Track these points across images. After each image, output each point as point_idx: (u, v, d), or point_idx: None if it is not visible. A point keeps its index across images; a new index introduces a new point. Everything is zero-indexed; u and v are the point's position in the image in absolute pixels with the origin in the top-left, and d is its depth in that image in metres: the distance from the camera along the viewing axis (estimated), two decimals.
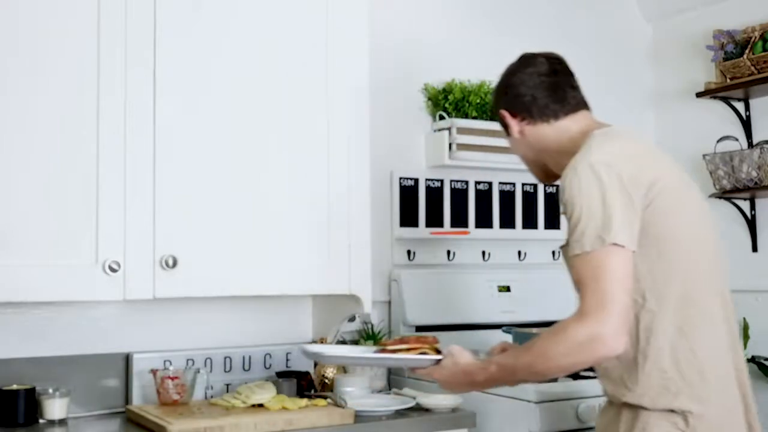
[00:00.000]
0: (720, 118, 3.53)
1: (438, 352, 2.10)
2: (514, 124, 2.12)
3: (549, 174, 2.14)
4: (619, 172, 1.82)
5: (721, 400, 1.83)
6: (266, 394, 2.45)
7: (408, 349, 2.11)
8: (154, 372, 2.53)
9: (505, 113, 2.14)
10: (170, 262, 2.36)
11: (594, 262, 1.79)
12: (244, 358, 2.76)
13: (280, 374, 2.72)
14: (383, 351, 2.15)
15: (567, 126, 2.06)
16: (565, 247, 1.95)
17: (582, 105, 2.11)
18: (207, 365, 2.69)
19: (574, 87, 2.13)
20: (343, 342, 2.96)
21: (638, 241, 1.80)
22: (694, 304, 1.84)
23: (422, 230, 3.20)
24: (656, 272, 1.84)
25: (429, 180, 3.24)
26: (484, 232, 3.32)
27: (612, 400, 1.92)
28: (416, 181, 3.21)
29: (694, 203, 1.96)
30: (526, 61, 2.17)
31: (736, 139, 3.43)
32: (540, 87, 2.10)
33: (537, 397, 2.47)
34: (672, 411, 1.80)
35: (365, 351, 2.29)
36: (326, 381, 2.81)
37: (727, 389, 1.85)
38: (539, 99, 2.09)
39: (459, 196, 3.30)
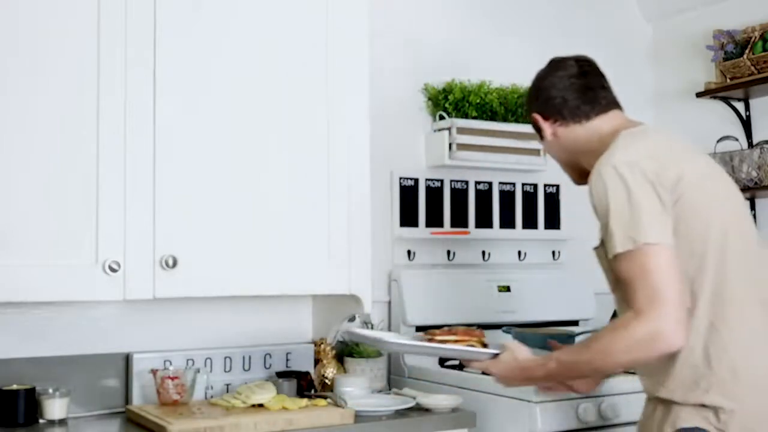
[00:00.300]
0: (720, 118, 3.53)
1: (484, 345, 2.13)
2: (546, 127, 2.17)
3: (583, 174, 2.15)
4: (643, 171, 1.85)
5: (758, 398, 1.84)
6: (266, 394, 2.45)
7: (455, 341, 2.14)
8: (154, 372, 2.52)
9: (538, 117, 2.18)
10: (170, 262, 2.36)
11: (635, 261, 1.82)
12: (244, 358, 2.76)
13: (280, 374, 2.72)
14: (431, 341, 2.16)
15: (598, 126, 2.10)
16: (597, 249, 1.99)
17: (613, 104, 2.14)
18: (207, 365, 2.68)
19: (605, 87, 2.16)
20: (343, 342, 2.96)
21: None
22: (728, 301, 1.86)
23: (422, 230, 3.20)
24: (688, 269, 1.86)
25: (429, 180, 3.24)
26: (484, 232, 3.32)
27: (649, 395, 1.97)
28: (416, 181, 3.21)
29: (725, 197, 1.97)
30: (556, 64, 2.22)
31: (736, 139, 3.43)
32: (570, 89, 2.14)
33: (537, 397, 2.47)
34: (703, 406, 1.84)
35: (412, 339, 2.31)
36: (326, 381, 2.81)
37: (766, 389, 1.86)
38: (570, 101, 2.13)
39: (459, 196, 3.30)
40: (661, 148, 1.96)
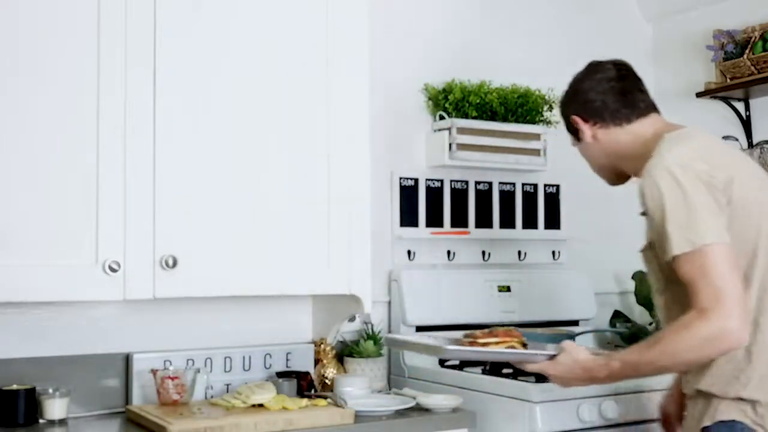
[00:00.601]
0: (720, 118, 3.53)
1: (524, 345, 2.16)
2: (586, 129, 2.18)
3: (620, 176, 2.20)
4: (696, 172, 1.89)
5: None
6: (266, 394, 2.45)
7: (497, 343, 2.15)
8: (154, 372, 2.52)
9: (578, 119, 2.19)
10: (170, 262, 2.36)
11: (695, 262, 1.85)
12: (244, 358, 2.76)
13: (280, 374, 2.72)
14: (473, 344, 2.17)
15: (640, 129, 2.13)
16: (645, 251, 2.05)
17: (651, 108, 2.17)
18: (207, 365, 2.68)
19: (643, 91, 2.19)
20: (343, 342, 2.96)
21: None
22: None
23: (422, 230, 3.20)
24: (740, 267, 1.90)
25: (429, 180, 3.24)
26: (484, 232, 3.32)
27: (689, 391, 2.01)
28: (416, 181, 3.21)
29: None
30: (594, 67, 2.24)
31: (736, 139, 3.42)
32: (610, 92, 2.16)
33: (537, 397, 2.47)
34: (741, 399, 1.89)
35: (453, 343, 2.30)
36: (326, 381, 2.81)
37: None
38: (610, 104, 2.15)
39: (459, 196, 3.30)
40: (709, 150, 2.00)
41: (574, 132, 2.23)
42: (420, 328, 3.04)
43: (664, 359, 1.90)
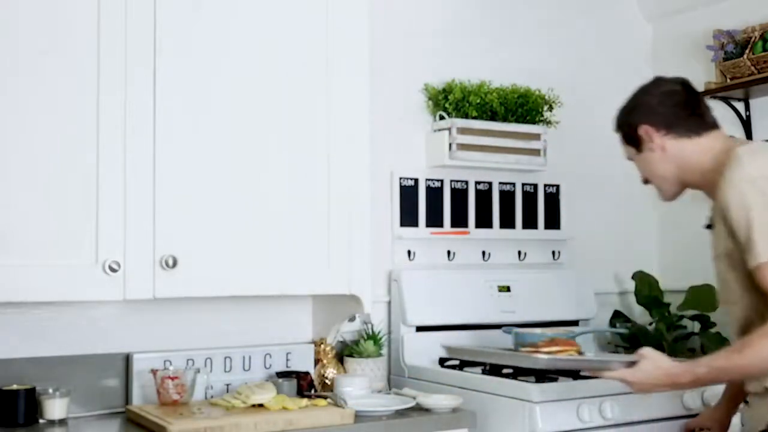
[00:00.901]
0: (720, 118, 3.46)
1: (579, 353, 2.22)
2: (657, 138, 2.20)
3: (682, 189, 2.25)
4: None
5: None
6: (266, 394, 2.45)
7: (559, 351, 2.24)
8: (154, 372, 2.52)
9: (649, 128, 2.21)
10: (170, 262, 2.36)
11: None
12: (244, 358, 2.76)
13: (280, 374, 2.72)
14: (536, 352, 2.23)
15: (708, 143, 2.18)
16: (719, 258, 2.10)
17: (716, 124, 2.23)
18: (207, 365, 2.68)
19: (707, 107, 2.24)
20: (343, 342, 2.96)
21: None
22: None
23: (422, 230, 3.20)
24: None
25: (429, 180, 3.24)
26: (484, 232, 3.33)
27: (752, 390, 2.09)
28: (416, 181, 3.21)
29: None
30: (661, 81, 2.28)
31: None
32: (680, 104, 2.20)
33: (537, 397, 2.47)
34: None
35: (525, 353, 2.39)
36: (326, 381, 2.81)
37: None
38: (680, 116, 2.19)
39: (459, 196, 3.30)
40: None
41: (636, 143, 2.25)
42: (420, 328, 3.05)
43: (755, 364, 1.97)
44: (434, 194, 3.24)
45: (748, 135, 3.47)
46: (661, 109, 2.20)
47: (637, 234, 3.75)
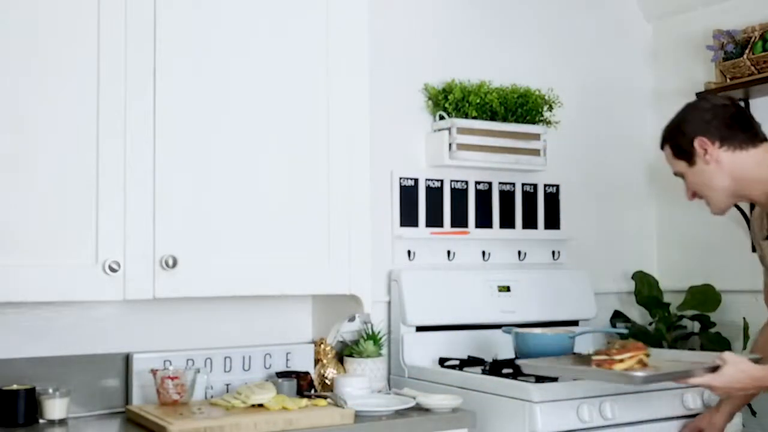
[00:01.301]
0: None
1: (647, 355, 2.24)
2: (712, 150, 2.21)
3: (735, 201, 2.28)
4: None
5: None
6: (266, 394, 2.45)
7: (631, 357, 2.23)
8: (154, 372, 2.52)
9: (705, 140, 2.22)
10: (170, 262, 2.36)
11: None
12: (244, 358, 2.76)
13: (280, 374, 2.72)
14: (611, 361, 2.24)
15: (761, 154, 2.22)
16: None
17: (765, 138, 2.26)
18: (207, 365, 2.68)
19: (756, 121, 2.28)
20: (343, 342, 2.96)
21: None
22: None
23: (422, 230, 3.20)
24: None
25: (429, 180, 3.24)
26: (484, 232, 3.32)
27: None
28: (416, 181, 3.21)
29: None
30: (707, 96, 2.40)
31: None
32: (732, 118, 2.23)
33: (537, 397, 2.47)
34: None
35: (580, 360, 2.39)
36: (326, 381, 2.81)
37: None
38: (733, 128, 2.22)
39: (459, 196, 3.30)
40: None
41: (688, 156, 2.26)
42: (420, 328, 3.05)
43: None
44: (434, 194, 3.24)
45: None
46: (715, 122, 2.21)
47: (637, 234, 3.75)
